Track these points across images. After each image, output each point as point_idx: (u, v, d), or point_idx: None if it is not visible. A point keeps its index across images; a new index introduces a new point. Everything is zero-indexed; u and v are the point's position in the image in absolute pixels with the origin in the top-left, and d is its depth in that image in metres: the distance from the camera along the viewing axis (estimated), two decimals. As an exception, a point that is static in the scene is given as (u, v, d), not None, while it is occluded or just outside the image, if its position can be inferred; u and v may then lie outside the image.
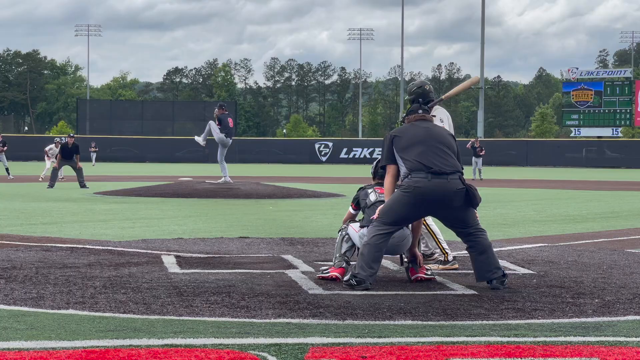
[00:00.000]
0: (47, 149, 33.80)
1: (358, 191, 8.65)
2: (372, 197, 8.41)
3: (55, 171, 28.04)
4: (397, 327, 5.92)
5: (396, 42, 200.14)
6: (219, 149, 25.76)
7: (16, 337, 5.45)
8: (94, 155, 60.09)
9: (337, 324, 6.02)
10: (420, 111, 8.28)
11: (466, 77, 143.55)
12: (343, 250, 8.35)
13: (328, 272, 8.22)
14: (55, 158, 30.06)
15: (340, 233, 8.50)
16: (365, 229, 8.16)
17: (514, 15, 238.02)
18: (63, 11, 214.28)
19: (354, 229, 8.36)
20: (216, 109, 25.78)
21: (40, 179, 32.41)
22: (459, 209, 7.82)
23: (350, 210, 8.71)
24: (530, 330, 5.86)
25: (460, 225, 7.90)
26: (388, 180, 8.09)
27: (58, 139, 35.11)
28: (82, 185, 27.48)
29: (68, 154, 28.30)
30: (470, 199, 7.82)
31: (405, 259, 8.46)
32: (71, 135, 29.71)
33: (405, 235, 8.14)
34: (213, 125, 25.29)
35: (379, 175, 8.63)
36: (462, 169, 8.01)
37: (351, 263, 8.28)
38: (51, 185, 27.28)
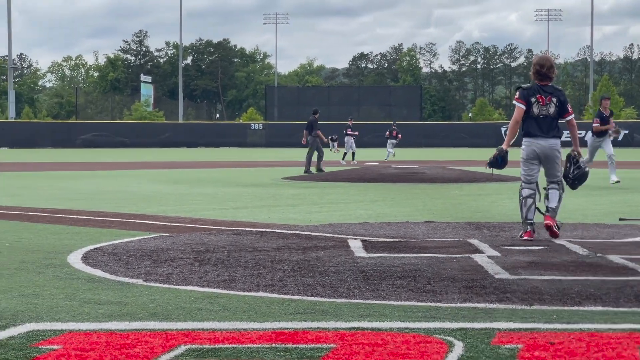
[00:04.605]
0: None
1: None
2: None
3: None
4: (587, 314, 5.78)
5: (587, 22, 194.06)
6: None
7: (210, 317, 5.65)
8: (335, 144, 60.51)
9: (524, 309, 5.94)
10: None
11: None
12: (523, 216, 9.74)
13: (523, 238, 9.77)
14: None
15: (519, 198, 9.96)
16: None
17: None
18: (254, 0, 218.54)
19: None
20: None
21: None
22: None
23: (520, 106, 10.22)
24: None
25: None
26: None
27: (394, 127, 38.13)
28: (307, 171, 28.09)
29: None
30: None
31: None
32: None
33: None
34: None
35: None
36: None
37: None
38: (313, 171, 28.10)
